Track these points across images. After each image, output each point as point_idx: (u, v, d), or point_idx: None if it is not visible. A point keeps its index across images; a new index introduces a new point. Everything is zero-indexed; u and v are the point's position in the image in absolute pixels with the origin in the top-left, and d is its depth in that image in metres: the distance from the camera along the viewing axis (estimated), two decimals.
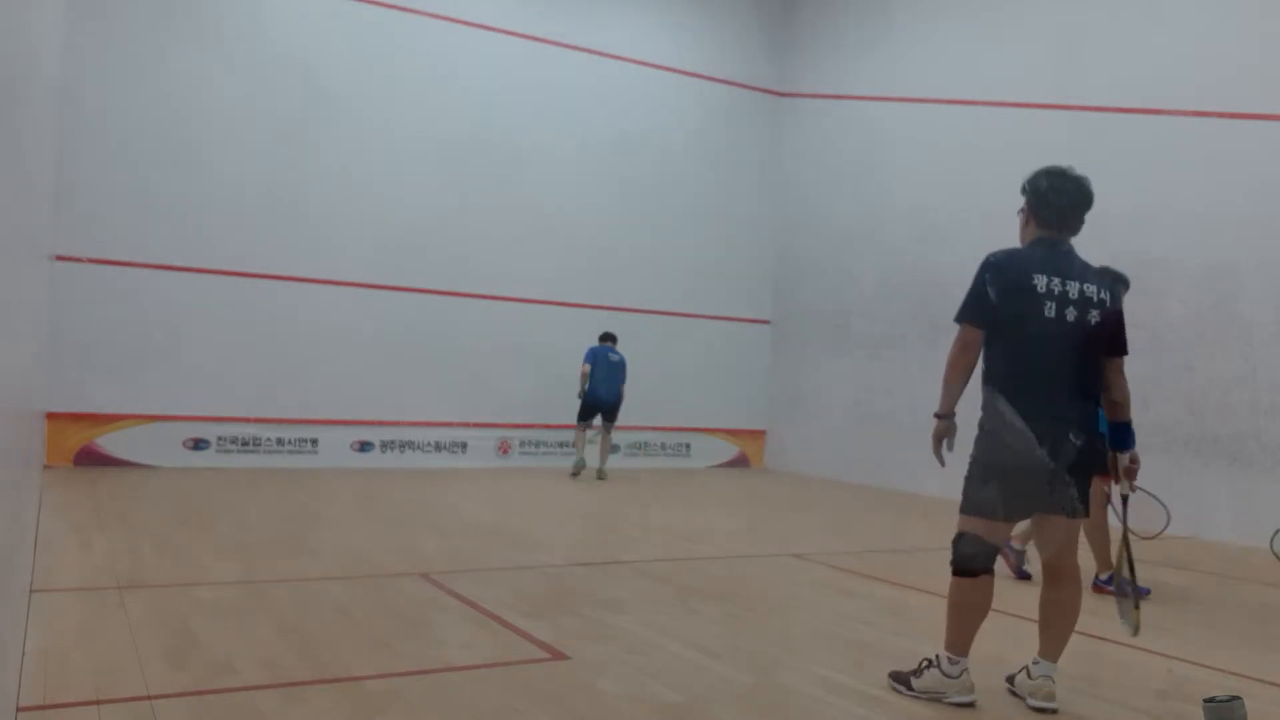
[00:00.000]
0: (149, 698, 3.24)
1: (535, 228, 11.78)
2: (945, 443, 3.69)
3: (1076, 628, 3.73)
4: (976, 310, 3.62)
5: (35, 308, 5.19)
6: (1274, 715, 3.69)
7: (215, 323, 10.05)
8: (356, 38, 10.84)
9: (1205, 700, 3.16)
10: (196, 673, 3.54)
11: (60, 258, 9.21)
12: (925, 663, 3.66)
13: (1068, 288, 3.56)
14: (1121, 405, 3.68)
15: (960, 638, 3.60)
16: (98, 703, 3.17)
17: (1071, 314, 3.55)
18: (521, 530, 7.40)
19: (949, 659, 3.59)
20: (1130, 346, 3.77)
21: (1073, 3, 10.07)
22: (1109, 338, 3.64)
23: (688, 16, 12.99)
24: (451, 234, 11.26)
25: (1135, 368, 7.18)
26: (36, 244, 4.94)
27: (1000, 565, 4.38)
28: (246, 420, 10.17)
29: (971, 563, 3.57)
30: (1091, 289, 3.61)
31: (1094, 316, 3.59)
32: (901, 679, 3.72)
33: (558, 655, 3.98)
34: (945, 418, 3.68)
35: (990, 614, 3.64)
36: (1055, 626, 3.67)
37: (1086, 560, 4.18)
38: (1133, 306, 9.01)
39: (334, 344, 10.60)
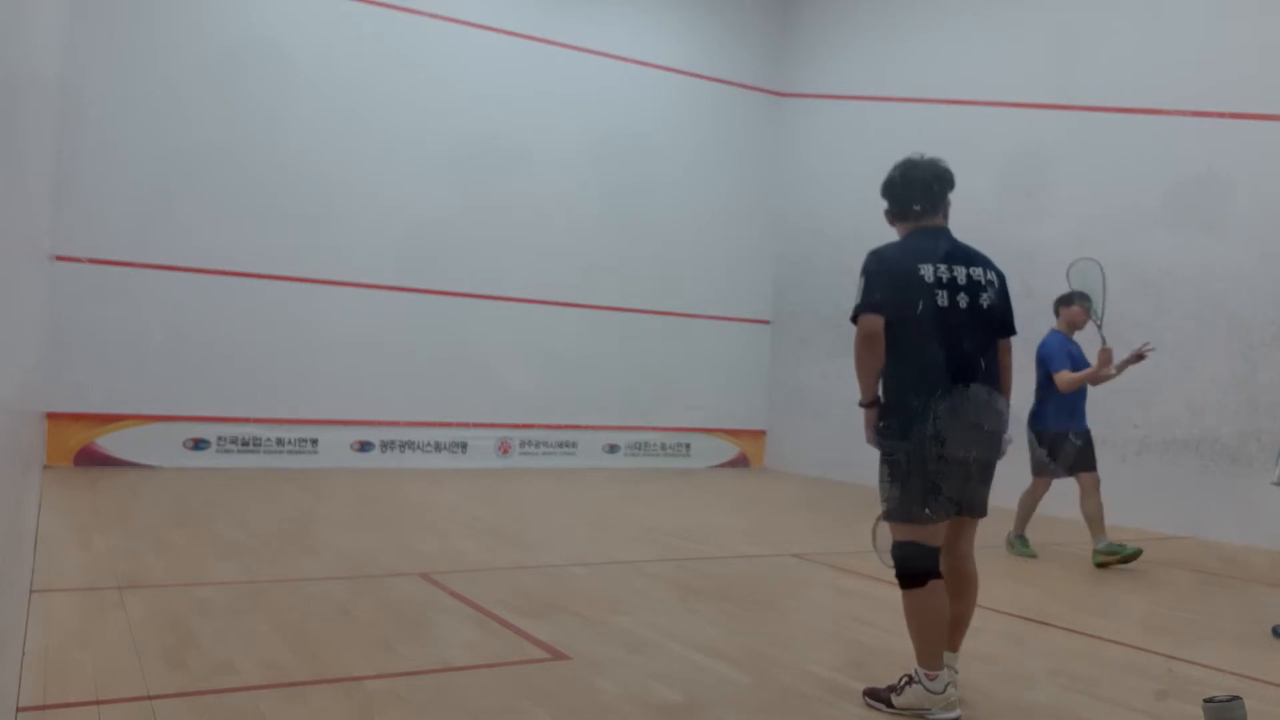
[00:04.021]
0: (149, 698, 3.24)
1: (535, 227, 11.78)
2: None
3: (1076, 627, 3.73)
4: (877, 300, 3.48)
5: (35, 308, 5.19)
6: (1274, 715, 3.69)
7: (215, 323, 10.05)
8: (356, 37, 10.84)
9: (1205, 700, 3.16)
10: (196, 673, 3.54)
11: (60, 258, 9.21)
12: (905, 679, 3.46)
13: (955, 273, 3.49)
14: (1003, 387, 3.60)
15: (930, 650, 3.39)
16: (98, 703, 3.17)
17: (964, 300, 3.48)
18: (521, 530, 7.40)
19: (927, 675, 3.39)
20: (1131, 347, 3.76)
21: (1072, 2, 10.07)
22: (1001, 319, 3.60)
23: (688, 16, 12.99)
24: (451, 233, 11.26)
25: (1135, 368, 7.19)
26: (36, 244, 4.94)
27: None
28: (246, 420, 10.17)
29: (914, 566, 3.42)
30: (978, 271, 3.55)
31: (985, 299, 3.53)
32: (880, 697, 3.50)
33: (558, 655, 3.98)
34: (873, 405, 3.54)
35: (988, 613, 3.63)
36: (961, 623, 3.59)
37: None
38: (1133, 306, 9.07)
39: (334, 344, 10.59)
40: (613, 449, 12.29)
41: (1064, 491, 6.91)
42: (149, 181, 9.73)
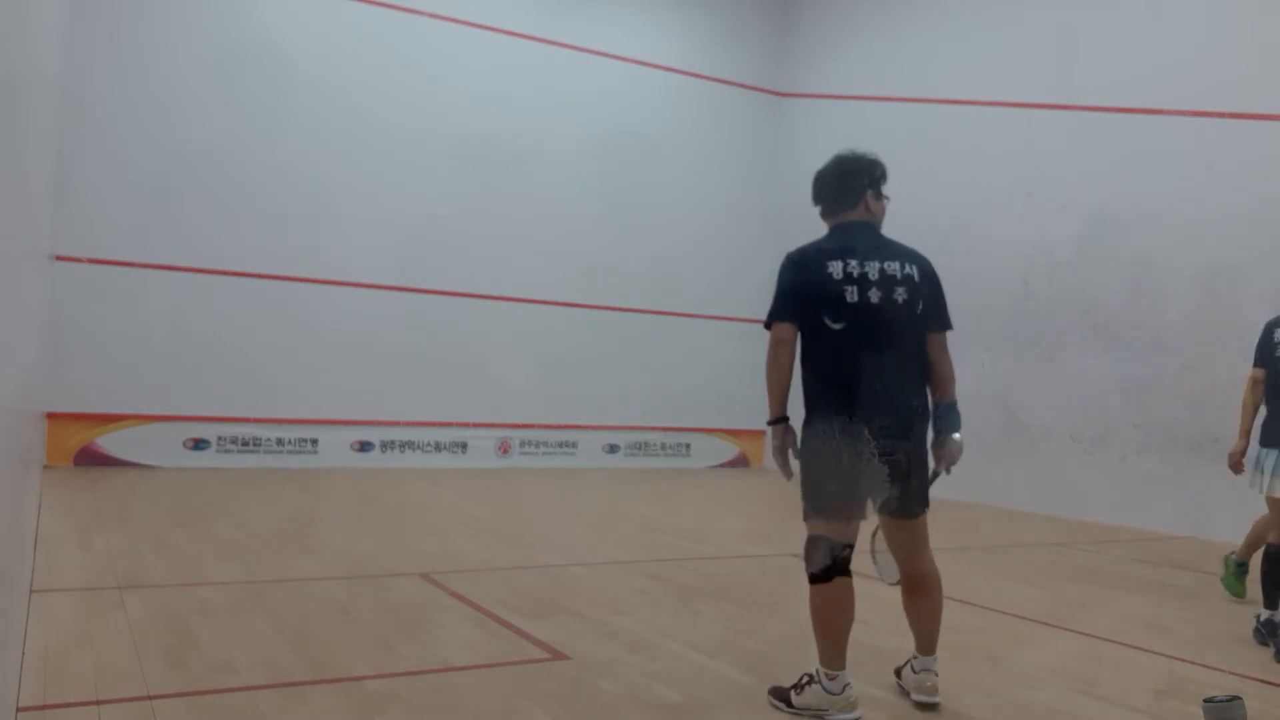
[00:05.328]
0: (149, 698, 3.24)
1: (535, 227, 11.78)
2: (790, 450, 3.54)
3: (1076, 627, 3.73)
4: (785, 307, 3.50)
5: (35, 308, 5.19)
6: (1274, 715, 3.69)
7: (215, 323, 10.05)
8: (356, 37, 10.84)
9: (1205, 700, 3.16)
10: (196, 673, 3.54)
11: (60, 258, 9.21)
12: (806, 678, 3.41)
13: (867, 269, 3.40)
14: (944, 385, 3.52)
15: (831, 648, 3.35)
16: (98, 703, 3.17)
17: (875, 295, 3.38)
18: (521, 530, 7.40)
19: (826, 674, 3.34)
20: (1130, 347, 3.71)
21: (1072, 2, 10.07)
22: (927, 314, 3.48)
23: (688, 16, 12.99)
24: (451, 233, 11.26)
25: (1135, 368, 7.21)
26: (36, 244, 4.94)
27: None
28: (246, 420, 10.17)
29: (821, 562, 3.44)
30: (894, 266, 3.42)
31: (900, 294, 3.40)
32: (781, 695, 3.47)
33: (558, 655, 3.98)
34: (781, 422, 3.49)
35: (988, 613, 3.63)
36: (923, 625, 3.59)
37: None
38: (1132, 306, 9.07)
39: (334, 344, 10.59)
40: (613, 449, 12.30)
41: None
42: (149, 181, 9.74)
